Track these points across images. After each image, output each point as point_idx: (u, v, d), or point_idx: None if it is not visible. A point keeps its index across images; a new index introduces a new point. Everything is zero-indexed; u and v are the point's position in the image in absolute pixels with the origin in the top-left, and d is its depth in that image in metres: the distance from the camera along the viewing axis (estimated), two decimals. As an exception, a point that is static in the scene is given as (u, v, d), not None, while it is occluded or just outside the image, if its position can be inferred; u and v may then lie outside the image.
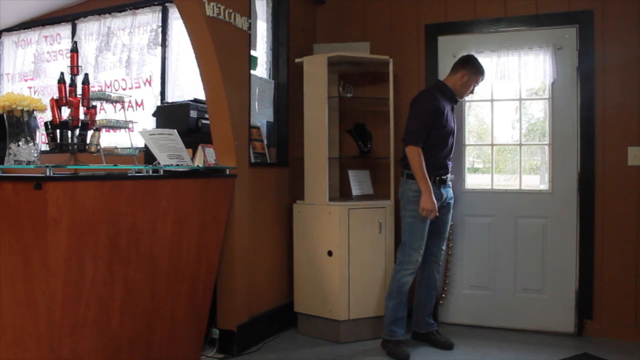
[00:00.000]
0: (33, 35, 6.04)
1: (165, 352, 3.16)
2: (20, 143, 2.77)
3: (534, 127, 4.57)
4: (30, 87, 5.93)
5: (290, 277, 4.42)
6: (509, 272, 4.42)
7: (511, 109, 4.55)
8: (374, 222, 4.14)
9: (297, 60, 4.40)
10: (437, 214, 3.72)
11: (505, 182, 4.64)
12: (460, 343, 4.07)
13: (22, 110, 2.77)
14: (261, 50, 4.44)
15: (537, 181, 4.55)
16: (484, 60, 4.43)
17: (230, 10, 3.75)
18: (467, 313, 4.53)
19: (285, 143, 4.51)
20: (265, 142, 4.31)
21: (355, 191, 4.41)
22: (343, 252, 4.04)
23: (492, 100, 4.53)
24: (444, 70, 4.48)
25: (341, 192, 4.76)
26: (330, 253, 4.08)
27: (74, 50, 3.12)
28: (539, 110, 4.52)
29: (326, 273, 4.11)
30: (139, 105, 5.26)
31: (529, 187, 4.47)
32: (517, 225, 4.40)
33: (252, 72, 4.10)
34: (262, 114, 4.34)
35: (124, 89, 5.33)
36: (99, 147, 2.92)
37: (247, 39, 4.00)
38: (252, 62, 4.10)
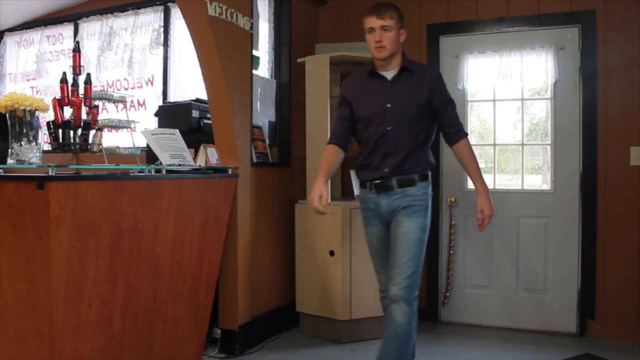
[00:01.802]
0: (35, 35, 6.04)
1: (167, 351, 3.16)
2: (22, 143, 2.77)
3: (536, 127, 4.56)
4: (32, 87, 5.93)
5: (292, 277, 4.42)
6: (511, 272, 4.42)
7: (513, 109, 4.54)
8: (376, 222, 4.13)
9: (299, 60, 4.40)
10: (322, 211, 2.95)
11: (507, 182, 4.64)
12: (461, 342, 4.07)
13: (24, 110, 2.77)
14: (263, 50, 4.44)
15: (539, 181, 4.54)
16: (486, 60, 4.45)
17: (232, 10, 3.75)
18: (469, 312, 4.53)
19: (287, 143, 4.51)
20: (267, 141, 4.31)
21: (357, 191, 4.41)
22: (345, 252, 4.04)
23: (494, 101, 4.53)
24: (446, 70, 4.48)
25: (343, 192, 4.76)
26: (332, 253, 4.08)
27: (76, 50, 3.12)
28: (541, 110, 4.52)
29: (328, 273, 4.11)
30: (141, 105, 5.26)
31: (531, 187, 4.47)
32: (519, 225, 4.40)
33: (254, 71, 4.10)
34: (264, 113, 4.34)
35: (126, 89, 5.33)
36: (101, 147, 2.92)
37: (249, 38, 4.00)
38: (254, 61, 4.10)
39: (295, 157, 4.54)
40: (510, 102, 4.53)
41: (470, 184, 4.50)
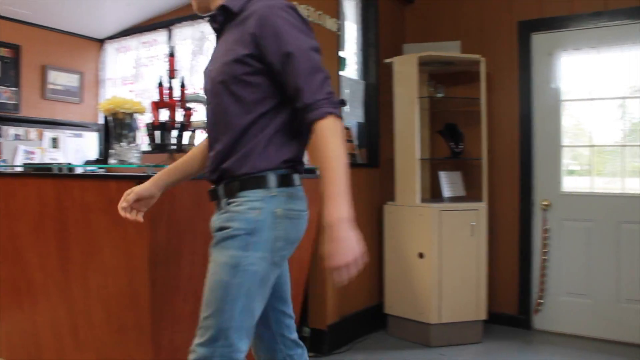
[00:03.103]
0: (133, 42, 6.31)
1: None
2: (122, 144, 2.90)
3: (637, 127, 4.32)
4: (130, 91, 6.20)
5: (381, 279, 4.40)
6: (610, 281, 4.19)
7: (612, 108, 4.32)
8: (466, 224, 4.04)
9: (386, 60, 4.38)
10: (122, 214, 2.19)
11: (605, 185, 4.41)
12: (558, 352, 3.90)
13: (124, 113, 2.91)
14: (350, 51, 4.44)
15: (641, 184, 4.29)
16: (582, 57, 4.28)
17: (320, 12, 3.77)
18: (564, 321, 4.33)
19: (376, 144, 4.49)
20: (355, 143, 4.31)
21: (446, 193, 4.33)
22: (434, 254, 3.97)
23: (590, 100, 4.32)
24: (538, 69, 4.32)
25: (432, 193, 4.69)
26: (421, 255, 4.02)
27: (172, 55, 3.23)
28: (643, 109, 4.27)
29: (417, 275, 4.05)
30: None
31: (633, 191, 4.21)
32: (620, 231, 4.16)
33: (341, 73, 4.11)
34: (352, 114, 4.34)
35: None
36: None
37: (337, 40, 4.01)
38: (341, 63, 4.11)
39: (383, 158, 4.51)
40: (608, 101, 4.31)
41: (566, 187, 4.32)
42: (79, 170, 3.33)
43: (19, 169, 3.88)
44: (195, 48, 5.66)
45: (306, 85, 1.68)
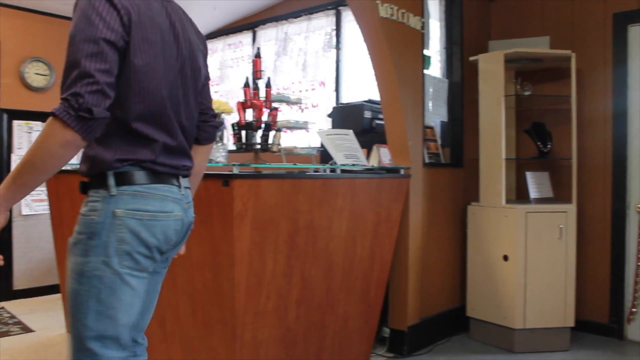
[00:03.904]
0: (219, 44, 6.49)
1: (338, 346, 3.22)
2: (210, 143, 2.98)
3: None
4: (216, 92, 6.38)
5: (463, 280, 4.32)
6: None
7: None
8: (554, 227, 3.90)
9: (471, 58, 4.29)
10: None
11: None
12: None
13: (212, 113, 2.98)
14: (434, 49, 4.38)
15: None
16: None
17: (404, 11, 3.74)
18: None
19: (460, 143, 4.41)
20: (439, 142, 4.25)
21: (533, 194, 4.19)
22: (519, 257, 3.86)
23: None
24: (634, 64, 4.11)
25: (518, 194, 4.55)
26: (505, 257, 3.91)
27: (258, 56, 3.29)
28: None
29: (501, 278, 3.95)
30: (315, 107, 5.43)
31: None
32: None
33: (425, 71, 4.06)
34: (436, 113, 4.29)
35: (300, 91, 5.53)
36: (280, 147, 3.05)
37: (421, 38, 3.97)
38: (425, 61, 4.07)
39: (467, 158, 4.43)
40: None
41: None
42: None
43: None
44: (279, 49, 5.75)
45: (63, 78, 1.51)
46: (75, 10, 1.56)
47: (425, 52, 4.06)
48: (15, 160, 5.06)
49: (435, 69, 4.41)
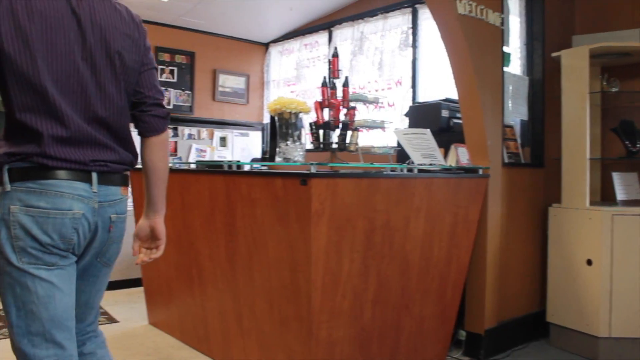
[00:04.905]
0: (295, 44, 6.57)
1: (413, 348, 3.19)
2: (288, 142, 3.03)
3: None
4: (292, 92, 6.46)
5: (543, 284, 4.18)
6: None
7: None
8: (643, 230, 3.72)
9: (553, 54, 4.15)
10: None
11: None
12: None
13: (290, 113, 3.03)
14: (514, 45, 4.27)
15: None
16: None
17: (482, 7, 3.67)
18: None
19: (541, 142, 4.28)
20: (519, 141, 4.14)
21: (620, 196, 4.01)
22: (604, 261, 3.70)
23: None
24: None
25: (603, 196, 4.36)
26: (589, 262, 3.76)
27: (335, 55, 3.31)
28: None
29: (584, 283, 3.80)
30: (391, 106, 5.41)
31: None
32: None
33: (505, 69, 3.96)
34: (515, 112, 4.17)
35: (376, 91, 5.52)
36: (357, 146, 3.06)
37: (500, 35, 3.87)
38: (505, 58, 3.96)
39: (549, 158, 4.28)
40: None
41: None
42: (246, 168, 3.53)
43: (193, 166, 4.19)
44: (355, 48, 5.76)
45: None
46: None
47: (505, 49, 3.96)
48: None
49: (515, 66, 4.29)
